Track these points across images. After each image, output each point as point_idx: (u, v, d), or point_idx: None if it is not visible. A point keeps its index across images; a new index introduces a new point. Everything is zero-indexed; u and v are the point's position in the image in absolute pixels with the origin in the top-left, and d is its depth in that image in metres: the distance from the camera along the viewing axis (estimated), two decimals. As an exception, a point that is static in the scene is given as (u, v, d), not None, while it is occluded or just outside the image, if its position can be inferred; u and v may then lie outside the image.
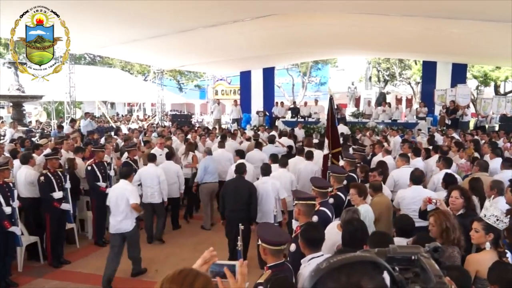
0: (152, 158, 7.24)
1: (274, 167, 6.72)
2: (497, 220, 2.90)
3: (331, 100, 7.52)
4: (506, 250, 2.94)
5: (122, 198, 5.50)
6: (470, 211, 4.00)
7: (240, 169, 6.09)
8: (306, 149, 8.11)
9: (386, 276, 0.83)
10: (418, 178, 5.05)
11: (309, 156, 7.41)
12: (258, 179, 6.57)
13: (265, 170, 6.20)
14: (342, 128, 13.48)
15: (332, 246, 3.67)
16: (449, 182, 5.18)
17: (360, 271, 0.78)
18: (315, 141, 9.98)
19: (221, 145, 8.85)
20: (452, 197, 4.14)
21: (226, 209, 5.89)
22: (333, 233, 3.76)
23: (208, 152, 8.14)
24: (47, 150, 7.60)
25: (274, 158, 7.23)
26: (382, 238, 3.03)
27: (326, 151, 7.04)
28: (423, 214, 4.28)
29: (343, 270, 0.77)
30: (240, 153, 7.65)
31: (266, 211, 5.79)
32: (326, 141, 7.07)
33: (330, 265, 0.78)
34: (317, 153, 7.75)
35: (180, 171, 7.80)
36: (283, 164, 6.75)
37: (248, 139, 11.19)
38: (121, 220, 5.53)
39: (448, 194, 4.30)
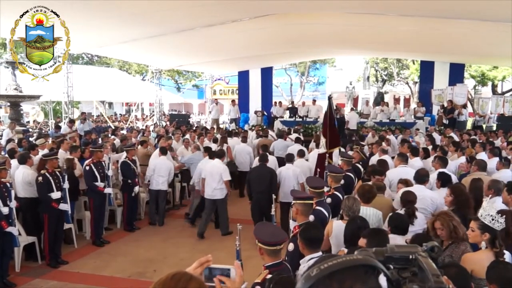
0: (164, 151, 8.27)
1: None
2: (493, 219, 2.90)
3: (329, 99, 7.49)
4: (505, 251, 2.93)
5: (217, 173, 7.17)
6: (461, 209, 4.04)
7: (263, 158, 7.37)
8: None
9: (383, 277, 0.82)
10: (421, 177, 5.06)
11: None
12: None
13: (288, 159, 7.43)
14: (353, 116, 14.41)
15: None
16: (444, 180, 5.21)
17: (352, 276, 0.76)
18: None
19: (244, 140, 10.59)
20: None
21: (252, 191, 7.07)
22: (341, 230, 3.75)
23: (197, 147, 9.10)
24: (45, 150, 7.57)
25: (264, 148, 8.69)
26: (378, 235, 3.04)
27: (322, 150, 7.05)
28: None
29: (335, 277, 0.76)
30: (209, 150, 8.21)
31: (287, 192, 6.53)
32: (323, 140, 7.07)
33: (320, 272, 0.76)
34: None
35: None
36: (301, 155, 8.16)
37: (260, 137, 12.18)
38: (213, 190, 7.16)
39: None
